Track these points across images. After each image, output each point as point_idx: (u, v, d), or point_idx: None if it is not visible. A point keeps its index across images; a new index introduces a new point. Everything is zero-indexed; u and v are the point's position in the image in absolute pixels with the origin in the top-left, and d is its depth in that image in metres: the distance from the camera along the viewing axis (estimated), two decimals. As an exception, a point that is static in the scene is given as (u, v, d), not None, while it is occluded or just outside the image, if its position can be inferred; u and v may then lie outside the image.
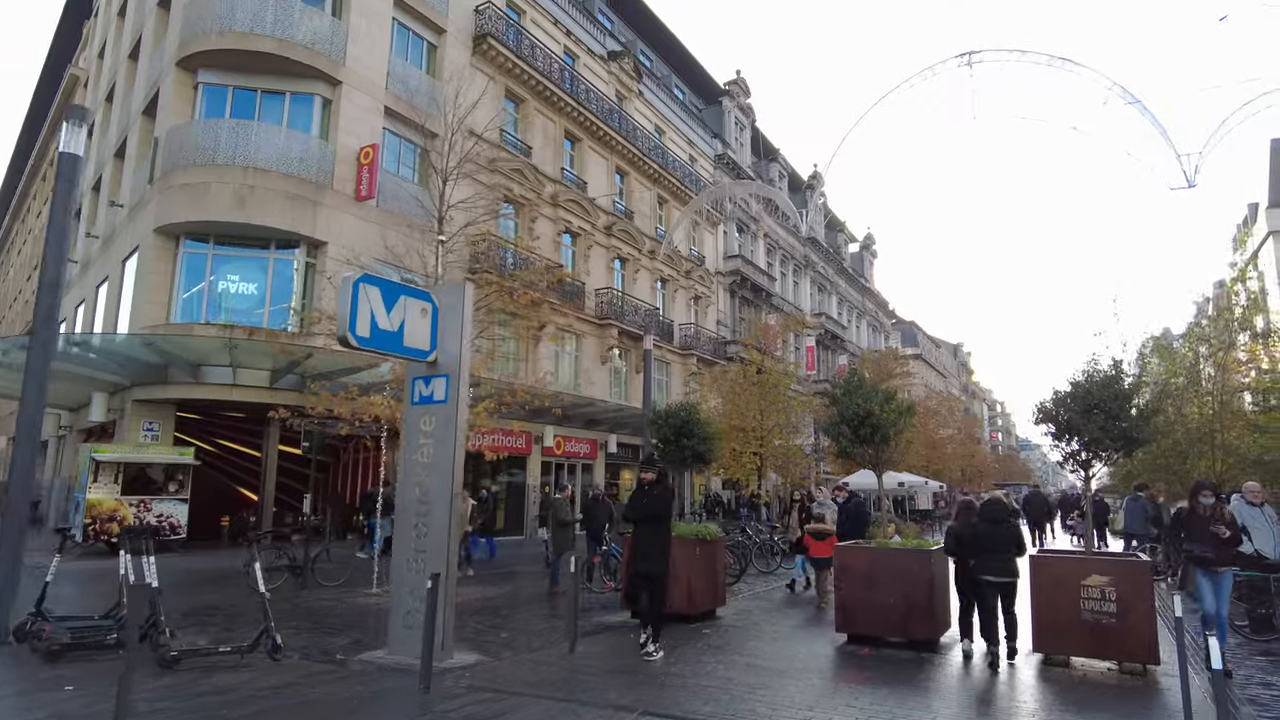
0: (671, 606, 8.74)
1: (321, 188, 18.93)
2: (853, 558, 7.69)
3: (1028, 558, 7.01)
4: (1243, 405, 16.25)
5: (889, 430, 7.77)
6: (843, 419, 7.82)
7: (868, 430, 7.71)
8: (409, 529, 7.18)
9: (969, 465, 48.21)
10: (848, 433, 7.84)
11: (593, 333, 27.43)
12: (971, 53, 16.36)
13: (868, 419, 7.64)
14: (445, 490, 6.99)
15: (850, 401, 7.77)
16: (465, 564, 14.29)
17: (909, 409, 8.06)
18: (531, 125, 25.73)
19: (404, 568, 7.17)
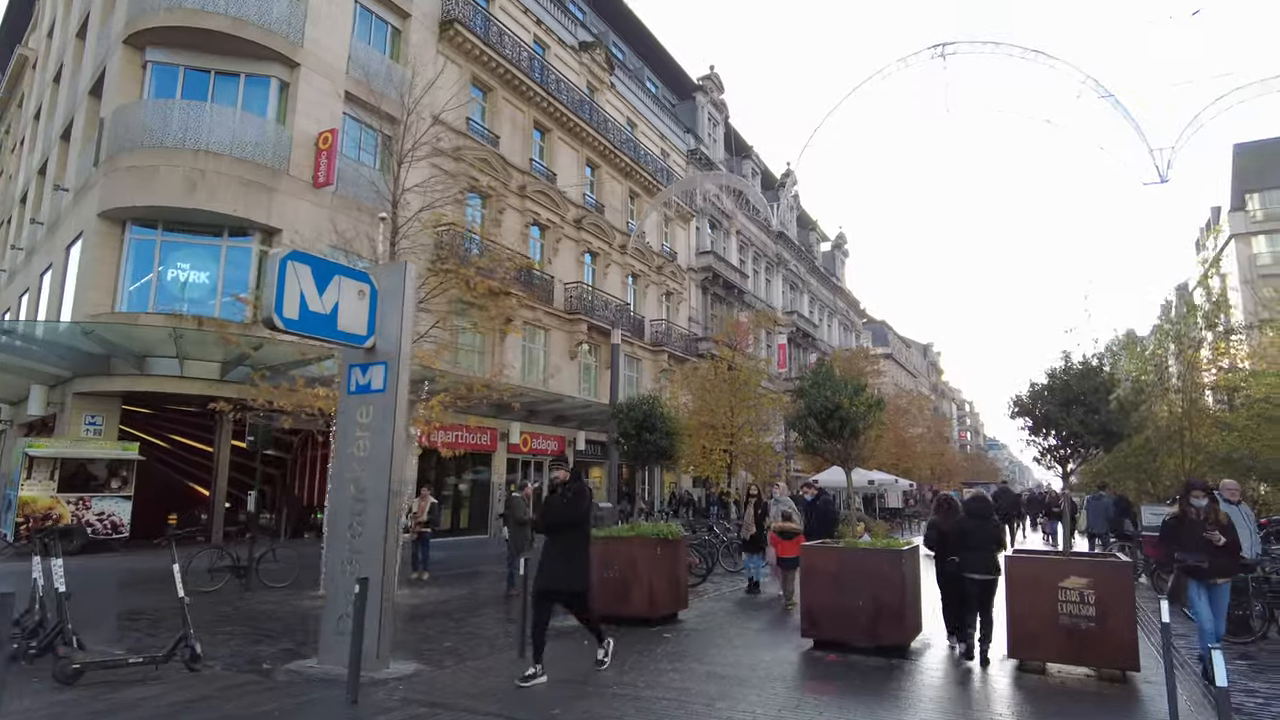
0: (632, 610, 8.31)
1: (277, 173, 18.20)
2: (820, 558, 7.29)
3: (1002, 558, 6.66)
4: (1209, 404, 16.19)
5: (858, 424, 7.37)
6: (810, 412, 7.40)
7: (836, 424, 7.30)
8: (343, 529, 6.64)
9: (938, 464, 48.50)
10: (815, 426, 7.43)
11: (561, 327, 26.90)
12: (945, 44, 16.12)
13: (836, 412, 7.24)
14: (382, 487, 6.46)
15: (818, 394, 7.36)
16: (422, 566, 13.73)
17: (879, 402, 7.67)
18: (499, 114, 25.13)
19: (338, 570, 6.63)
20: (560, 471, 6.73)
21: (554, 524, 6.36)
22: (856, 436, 7.48)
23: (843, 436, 7.40)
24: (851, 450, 7.53)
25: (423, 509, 13.91)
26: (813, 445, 7.60)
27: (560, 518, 6.37)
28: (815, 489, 10.38)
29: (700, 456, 23.68)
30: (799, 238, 54.10)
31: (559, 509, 6.42)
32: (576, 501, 6.42)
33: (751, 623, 8.95)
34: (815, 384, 7.55)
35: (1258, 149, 45.70)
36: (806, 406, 7.45)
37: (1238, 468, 14.24)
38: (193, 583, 11.25)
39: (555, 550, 6.32)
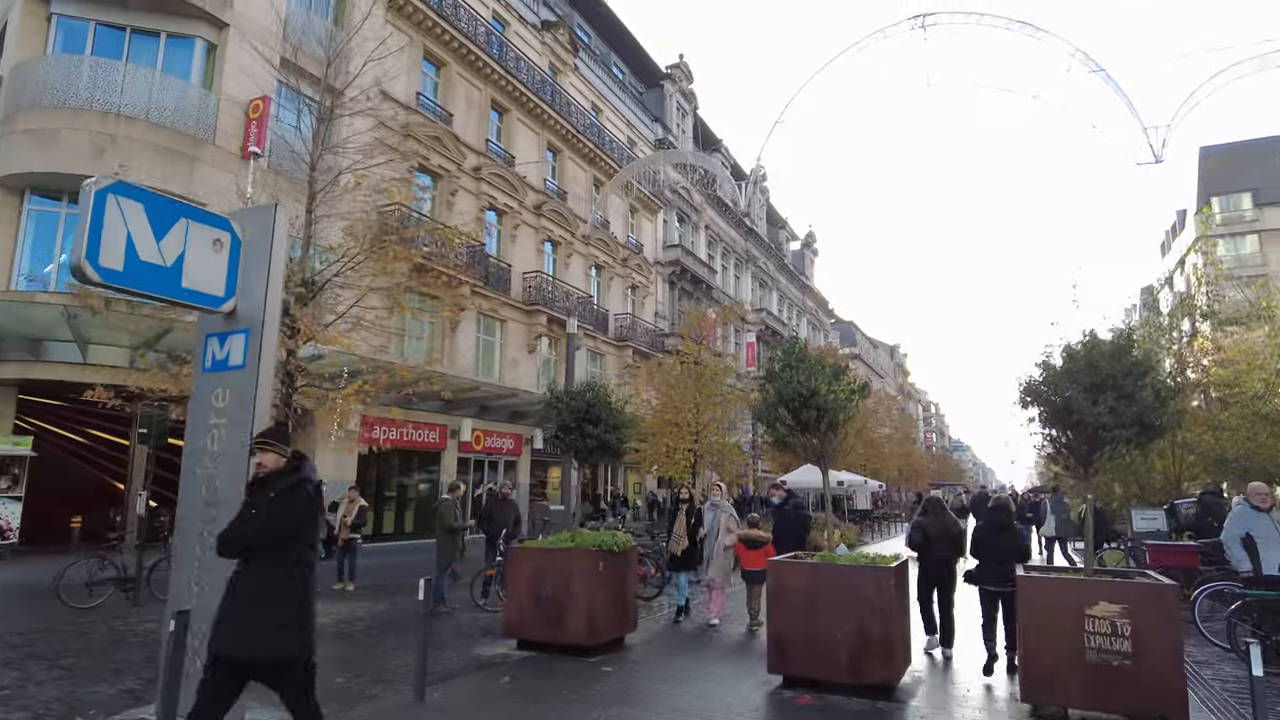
0: (568, 637, 7.00)
1: (200, 142, 16.54)
2: (790, 576, 6.03)
3: (1019, 580, 5.46)
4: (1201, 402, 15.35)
5: (837, 414, 6.14)
6: (780, 399, 6.16)
7: (811, 414, 6.07)
8: (192, 541, 5.22)
9: (905, 465, 48.09)
10: (786, 417, 6.19)
11: (519, 319, 25.47)
12: (925, 15, 15.07)
13: (811, 400, 6.00)
14: (239, 490, 5.05)
15: (790, 378, 6.11)
16: (348, 576, 12.28)
17: (863, 388, 6.43)
18: (453, 91, 23.63)
19: (185, 592, 5.21)
20: (265, 455, 4.00)
21: (227, 543, 3.77)
22: (835, 429, 6.25)
23: (819, 429, 6.16)
24: (829, 446, 6.29)
25: (350, 512, 12.45)
26: (783, 440, 6.35)
27: (237, 534, 3.77)
28: (784, 491, 9.14)
29: (664, 456, 22.50)
30: (768, 235, 53.21)
31: (237, 523, 3.84)
32: (279, 507, 3.75)
33: (710, 650, 7.68)
34: (787, 366, 6.28)
35: (1223, 152, 45.81)
36: (776, 393, 6.20)
37: (1231, 469, 13.36)
38: (67, 597, 9.73)
39: (243, 590, 3.73)
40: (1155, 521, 12.39)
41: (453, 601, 10.13)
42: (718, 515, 9.01)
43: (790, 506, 8.87)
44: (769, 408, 6.32)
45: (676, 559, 9.53)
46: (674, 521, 9.64)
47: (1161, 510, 12.64)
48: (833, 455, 6.35)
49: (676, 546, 9.44)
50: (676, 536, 9.45)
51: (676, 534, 9.46)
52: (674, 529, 9.57)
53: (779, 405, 6.20)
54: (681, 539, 9.38)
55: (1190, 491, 14.18)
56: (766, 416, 6.34)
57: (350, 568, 12.34)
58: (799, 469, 30.64)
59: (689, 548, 9.30)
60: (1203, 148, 47.01)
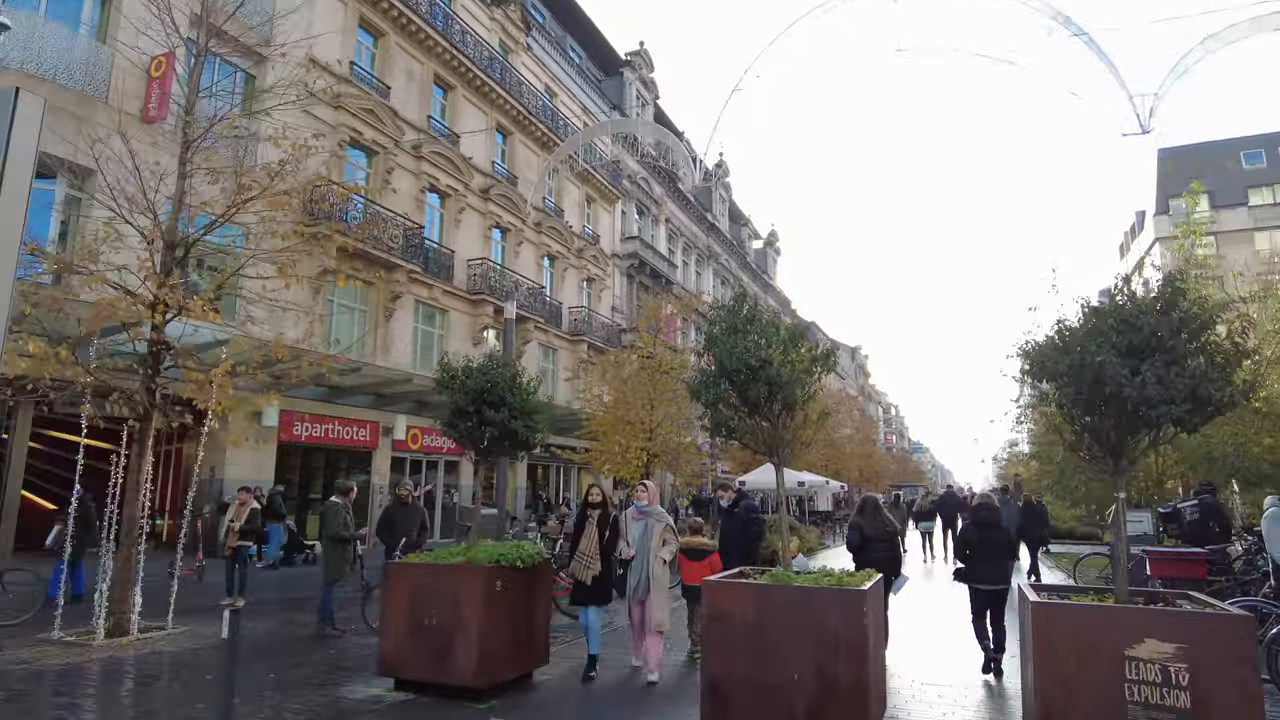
0: (455, 674, 5.52)
1: (91, 101, 14.71)
2: (730, 600, 4.63)
3: (1030, 608, 4.13)
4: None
5: (794, 391, 4.74)
6: (722, 372, 4.76)
7: (761, 390, 4.67)
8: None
9: (866, 465, 47.68)
10: (730, 395, 4.80)
11: (463, 309, 23.86)
12: (896, -24, 13.86)
13: (761, 371, 4.60)
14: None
15: (735, 344, 4.71)
16: (238, 590, 10.63)
17: (825, 356, 5.04)
18: (392, 63, 21.96)
19: None
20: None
21: None
22: (792, 411, 4.87)
23: (771, 411, 4.76)
24: (784, 432, 4.89)
25: (239, 515, 10.79)
26: (726, 424, 4.94)
27: None
28: (734, 491, 7.75)
29: (617, 456, 21.12)
30: (731, 233, 52.19)
31: None
32: None
33: (636, 692, 6.22)
34: (731, 329, 4.87)
35: (1182, 153, 45.91)
36: (717, 364, 4.79)
37: (1219, 467, 12.38)
38: None
39: None
40: (1141, 524, 11.37)
41: (345, 622, 8.59)
42: (649, 526, 6.53)
43: (741, 509, 7.49)
44: (707, 383, 4.92)
45: (584, 589, 6.60)
46: (579, 535, 6.70)
47: (1146, 513, 11.62)
48: (789, 444, 4.97)
49: (584, 571, 6.55)
50: (583, 557, 6.57)
51: (583, 553, 6.57)
52: (579, 546, 6.63)
53: (720, 379, 4.81)
54: (591, 561, 6.55)
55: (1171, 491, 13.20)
56: (705, 394, 4.94)
57: (240, 580, 10.70)
58: (760, 468, 29.50)
59: (603, 573, 6.58)
60: (1161, 149, 47.11)
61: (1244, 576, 8.33)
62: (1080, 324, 4.14)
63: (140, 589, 8.24)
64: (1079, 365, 3.94)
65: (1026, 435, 29.86)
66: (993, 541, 6.98)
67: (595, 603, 6.61)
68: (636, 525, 6.61)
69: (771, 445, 4.95)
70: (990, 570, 6.87)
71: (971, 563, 6.97)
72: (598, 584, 6.58)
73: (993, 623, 6.89)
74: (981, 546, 6.95)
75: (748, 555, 7.17)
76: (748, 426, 4.97)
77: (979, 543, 6.98)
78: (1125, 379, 3.78)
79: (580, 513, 6.86)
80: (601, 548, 6.60)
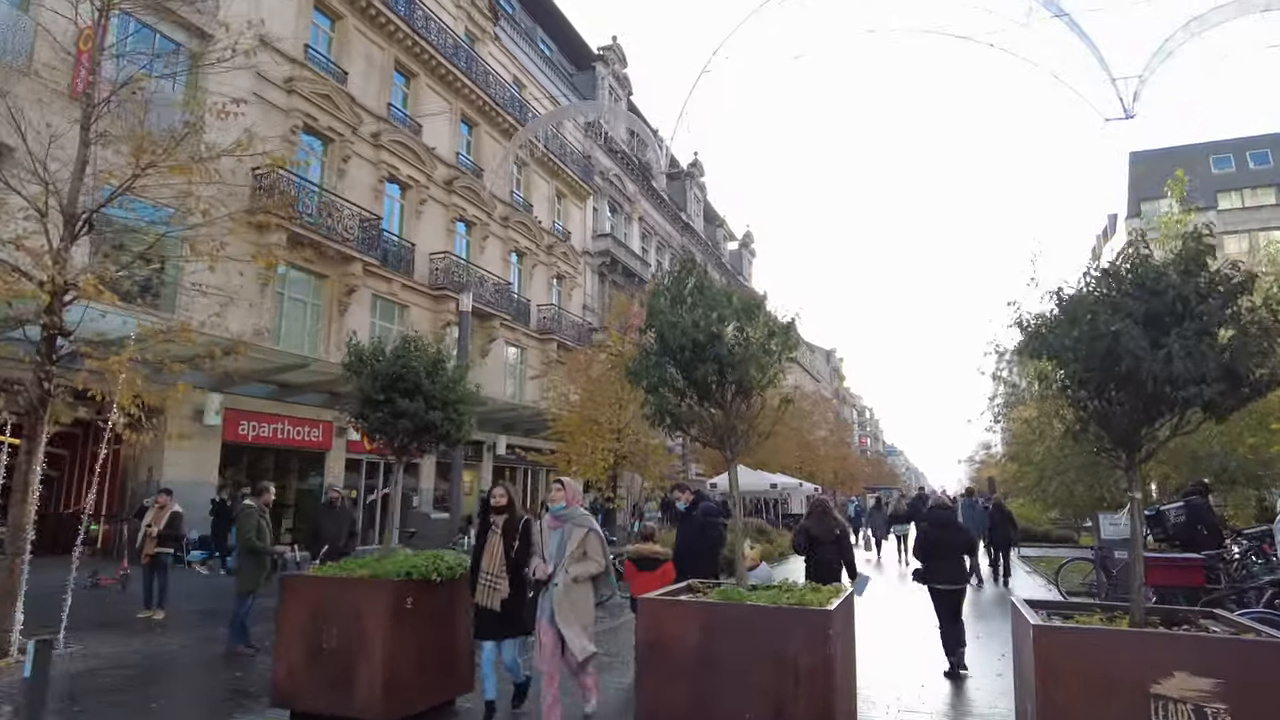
0: (355, 707, 4.72)
1: (10, 73, 13.65)
2: (671, 622, 3.87)
3: (1031, 633, 3.41)
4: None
5: (749, 370, 3.98)
6: (664, 349, 3.99)
7: (710, 370, 3.90)
8: None
9: (841, 468, 47.47)
10: (674, 377, 4.04)
11: (425, 305, 22.95)
12: (871, -45, 13.24)
13: (710, 348, 3.84)
14: None
15: (678, 316, 3.94)
16: (156, 602, 9.72)
17: (787, 330, 4.26)
18: (350, 47, 21.03)
19: None
20: None
21: None
22: (748, 395, 4.11)
23: (722, 397, 4.00)
24: (738, 424, 4.13)
25: (159, 521, 9.87)
26: (669, 411, 4.16)
27: None
28: (691, 493, 7.00)
29: (583, 457, 20.35)
30: (706, 233, 51.64)
31: None
32: None
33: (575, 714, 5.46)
34: (675, 299, 4.09)
35: (1153, 157, 46.17)
36: (658, 340, 4.02)
37: (1204, 468, 11.88)
38: None
39: None
40: (1125, 528, 10.80)
41: (261, 638, 7.73)
42: (566, 533, 5.04)
43: (699, 512, 6.73)
44: (647, 365, 4.16)
45: (489, 619, 5.15)
46: (481, 550, 5.25)
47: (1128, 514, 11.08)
48: (744, 436, 4.23)
49: (487, 595, 5.11)
50: (485, 578, 5.14)
51: (485, 573, 5.14)
52: (481, 563, 5.19)
53: (661, 358, 4.05)
54: (496, 582, 5.10)
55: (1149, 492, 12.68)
56: (645, 376, 4.18)
57: (160, 590, 9.79)
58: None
59: (514, 596, 5.12)
60: (1133, 153, 47.45)
61: (1242, 584, 7.75)
62: (1088, 289, 3.46)
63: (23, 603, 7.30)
64: (1089, 337, 3.26)
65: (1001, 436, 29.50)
66: (950, 542, 7.18)
67: (505, 635, 5.17)
68: (554, 534, 5.09)
69: (723, 437, 4.20)
70: (948, 570, 7.08)
71: (930, 563, 7.17)
72: (508, 611, 5.10)
73: (951, 621, 7.03)
74: (939, 547, 7.13)
75: (710, 564, 6.43)
76: (695, 415, 4.22)
77: (937, 543, 7.16)
78: (1145, 352, 3.11)
79: (481, 521, 5.40)
80: (508, 562, 5.17)
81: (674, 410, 4.23)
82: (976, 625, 9.98)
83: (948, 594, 7.03)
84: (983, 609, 11.45)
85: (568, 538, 5.04)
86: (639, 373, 4.28)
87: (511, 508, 5.34)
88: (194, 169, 7.95)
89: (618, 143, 37.32)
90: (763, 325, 4.11)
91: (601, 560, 5.09)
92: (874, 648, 7.72)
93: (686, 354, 3.94)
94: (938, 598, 7.08)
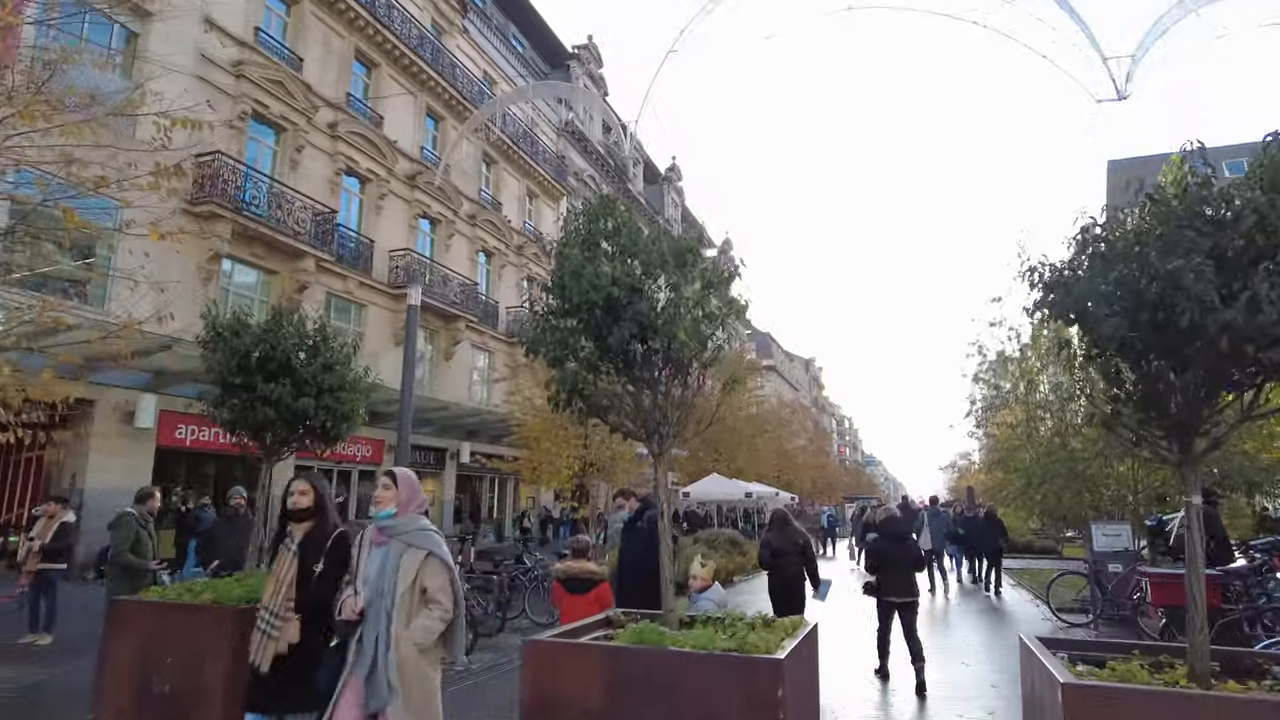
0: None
1: (-81, 44, 12.50)
2: (567, 670, 2.84)
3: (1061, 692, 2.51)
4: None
5: (675, 330, 2.99)
6: (568, 307, 3.02)
7: (630, 334, 2.94)
8: None
9: (819, 477, 46.98)
10: (583, 345, 3.08)
11: (384, 304, 21.88)
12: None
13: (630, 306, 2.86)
14: None
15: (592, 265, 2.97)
16: (43, 625, 8.60)
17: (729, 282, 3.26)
18: (306, 33, 20.00)
19: None
20: None
21: None
22: (683, 371, 3.14)
23: (647, 370, 3.04)
24: (671, 410, 3.15)
25: (46, 532, 8.74)
26: (582, 392, 3.18)
27: None
28: (635, 500, 5.99)
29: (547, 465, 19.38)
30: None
31: None
32: None
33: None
34: (588, 242, 3.14)
35: (1131, 165, 46.10)
36: (558, 294, 3.06)
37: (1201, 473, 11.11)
38: None
39: None
40: (1120, 539, 10.03)
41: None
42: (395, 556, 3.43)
43: (644, 523, 5.75)
44: (547, 325, 3.20)
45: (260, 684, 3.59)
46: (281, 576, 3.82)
47: (1125, 525, 10.28)
48: (677, 425, 3.27)
49: (260, 648, 3.59)
50: (263, 616, 3.65)
51: (264, 611, 3.66)
52: (265, 600, 3.71)
53: (564, 319, 3.09)
54: (273, 625, 3.61)
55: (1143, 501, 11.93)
56: (545, 344, 3.22)
57: (47, 612, 8.66)
58: (707, 477, 27.92)
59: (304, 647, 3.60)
60: (1111, 161, 47.31)
61: (1261, 605, 6.92)
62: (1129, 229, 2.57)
63: None
64: (1135, 280, 2.39)
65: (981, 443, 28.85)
66: (902, 554, 7.13)
67: (284, 710, 3.58)
68: (375, 555, 3.46)
69: (649, 425, 3.25)
70: (899, 582, 7.03)
71: (881, 575, 7.13)
72: (293, 671, 3.50)
73: (908, 635, 6.95)
74: (890, 559, 7.10)
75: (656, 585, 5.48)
76: (614, 396, 3.26)
77: (889, 555, 7.13)
78: (1212, 301, 2.25)
79: (278, 530, 3.87)
80: (302, 597, 3.61)
81: (585, 389, 3.27)
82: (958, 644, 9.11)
83: (899, 606, 6.97)
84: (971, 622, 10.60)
85: (398, 563, 3.35)
86: (538, 340, 3.32)
87: (321, 512, 3.83)
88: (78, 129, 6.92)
89: (593, 144, 36.51)
90: (699, 276, 3.18)
91: (448, 604, 3.31)
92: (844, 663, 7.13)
93: (597, 313, 3.00)
94: (887, 610, 7.05)
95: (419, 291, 13.69)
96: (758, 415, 34.09)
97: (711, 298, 3.23)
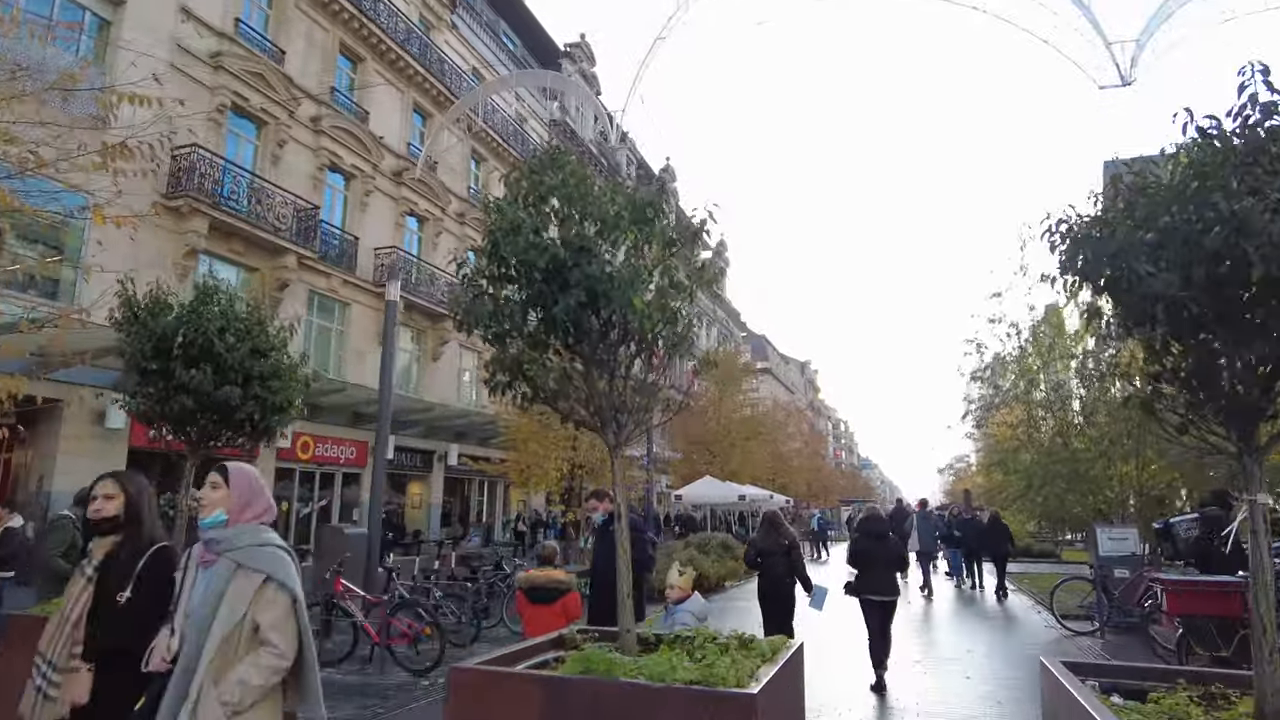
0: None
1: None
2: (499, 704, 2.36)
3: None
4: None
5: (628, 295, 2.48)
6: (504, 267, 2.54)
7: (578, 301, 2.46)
8: None
9: (815, 479, 46.66)
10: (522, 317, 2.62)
11: (369, 303, 21.35)
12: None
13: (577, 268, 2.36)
14: None
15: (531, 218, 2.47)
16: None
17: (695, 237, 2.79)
18: (289, 25, 19.52)
19: None
20: None
21: None
22: (644, 347, 2.66)
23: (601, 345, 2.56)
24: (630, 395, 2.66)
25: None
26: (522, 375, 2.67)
27: None
28: (610, 503, 5.50)
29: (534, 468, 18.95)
30: (677, 237, 50.51)
31: None
32: None
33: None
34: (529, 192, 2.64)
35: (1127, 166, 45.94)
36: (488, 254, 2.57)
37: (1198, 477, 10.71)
38: None
39: None
40: (1126, 543, 9.60)
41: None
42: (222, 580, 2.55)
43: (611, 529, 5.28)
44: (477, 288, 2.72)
45: None
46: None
47: (1132, 529, 9.85)
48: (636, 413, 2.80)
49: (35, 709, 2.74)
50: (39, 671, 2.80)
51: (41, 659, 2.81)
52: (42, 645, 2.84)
53: (494, 282, 2.61)
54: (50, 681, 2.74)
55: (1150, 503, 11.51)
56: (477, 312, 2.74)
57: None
58: (701, 479, 27.47)
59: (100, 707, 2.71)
60: (1107, 161, 47.09)
61: None
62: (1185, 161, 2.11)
63: None
64: (1190, 227, 1.93)
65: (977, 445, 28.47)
66: (883, 553, 7.14)
67: None
68: (201, 579, 2.64)
69: (603, 412, 2.77)
70: (880, 581, 7.05)
71: (862, 574, 7.12)
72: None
73: (880, 634, 7.00)
74: (870, 558, 7.11)
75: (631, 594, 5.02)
76: (562, 377, 2.77)
77: (870, 553, 7.13)
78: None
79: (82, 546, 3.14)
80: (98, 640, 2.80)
81: (527, 370, 2.78)
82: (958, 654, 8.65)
83: (878, 605, 6.98)
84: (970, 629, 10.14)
85: (222, 589, 2.53)
86: (471, 312, 2.82)
87: (133, 524, 2.98)
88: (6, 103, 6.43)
89: (584, 142, 36.08)
90: (659, 235, 2.70)
91: (284, 646, 2.47)
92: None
93: (538, 278, 2.50)
94: (868, 609, 7.03)
95: (397, 287, 13.24)
96: (752, 417, 33.74)
97: (677, 265, 2.75)
